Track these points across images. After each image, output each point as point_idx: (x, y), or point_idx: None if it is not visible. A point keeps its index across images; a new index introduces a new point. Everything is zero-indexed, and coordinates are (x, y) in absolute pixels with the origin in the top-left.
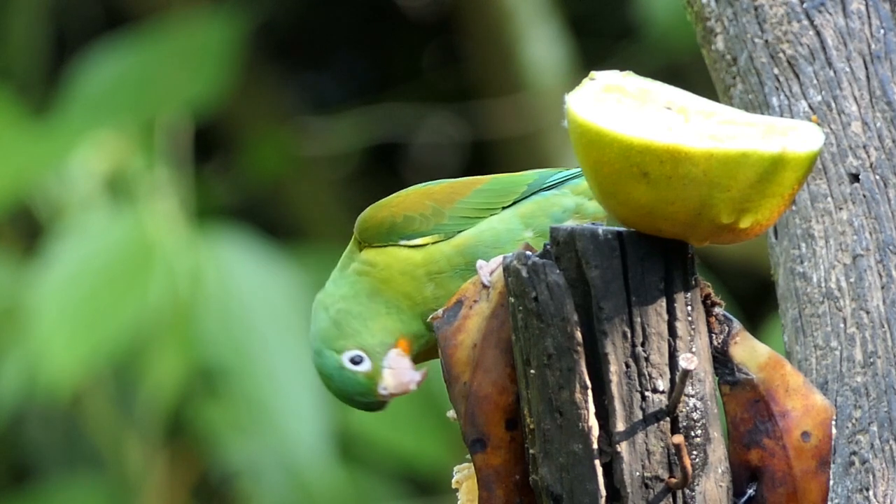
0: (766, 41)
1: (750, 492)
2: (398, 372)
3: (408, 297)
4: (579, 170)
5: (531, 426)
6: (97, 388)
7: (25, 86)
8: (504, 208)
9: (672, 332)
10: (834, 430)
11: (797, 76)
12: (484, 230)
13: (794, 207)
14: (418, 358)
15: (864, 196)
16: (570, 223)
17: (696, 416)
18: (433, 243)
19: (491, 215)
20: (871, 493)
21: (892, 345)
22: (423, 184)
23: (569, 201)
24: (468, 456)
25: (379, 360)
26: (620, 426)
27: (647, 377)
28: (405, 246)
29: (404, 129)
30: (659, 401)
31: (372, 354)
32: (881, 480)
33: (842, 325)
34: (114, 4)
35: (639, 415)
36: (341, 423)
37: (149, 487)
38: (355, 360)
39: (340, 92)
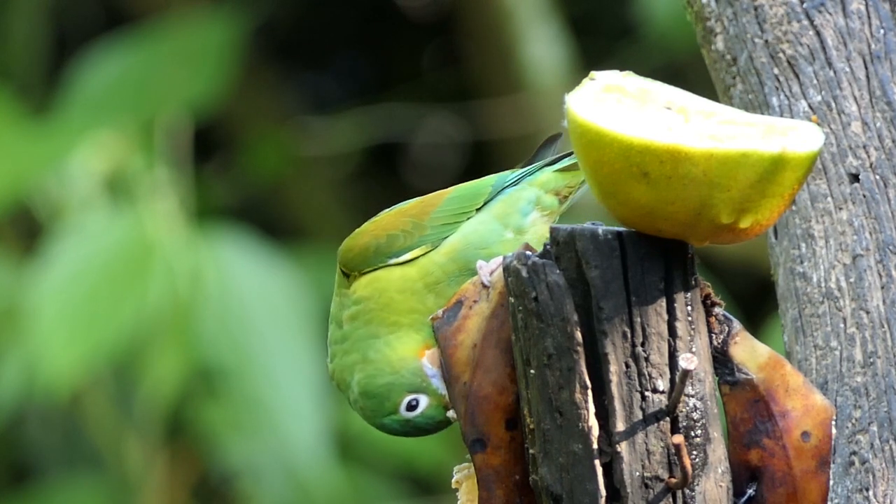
0: (766, 41)
1: (750, 492)
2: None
3: (411, 311)
4: (531, 167)
5: (531, 426)
6: (97, 388)
7: (25, 86)
8: (477, 210)
9: (672, 332)
10: (834, 430)
11: (797, 76)
12: (468, 233)
13: (794, 207)
14: None
15: (864, 196)
16: (535, 214)
17: (696, 416)
18: (423, 255)
19: (467, 218)
20: (871, 493)
21: (892, 345)
22: (392, 207)
23: (529, 193)
24: (468, 456)
25: (428, 385)
26: (620, 426)
27: (647, 377)
28: (396, 264)
29: (404, 129)
30: (659, 401)
31: (418, 388)
32: (881, 480)
33: (842, 325)
34: (114, 4)
35: (639, 415)
36: (341, 423)
37: (149, 487)
38: (411, 406)
39: (340, 92)
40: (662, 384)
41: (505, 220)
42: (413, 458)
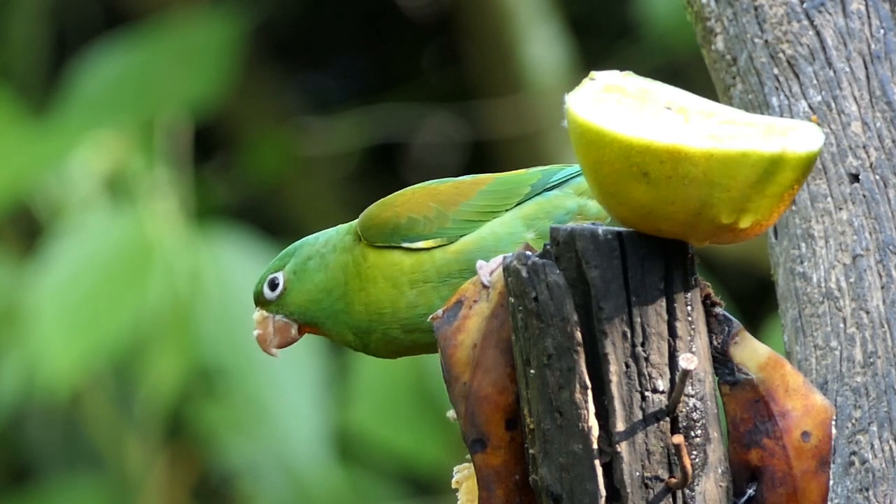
0: (766, 41)
1: (750, 492)
2: (280, 328)
3: (380, 303)
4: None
5: (531, 426)
6: (97, 388)
7: (25, 86)
8: (507, 210)
9: (672, 332)
10: (834, 430)
11: (797, 76)
12: (485, 235)
13: (794, 207)
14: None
15: (864, 196)
16: (569, 224)
17: (696, 416)
18: (435, 247)
19: (494, 217)
20: (871, 493)
21: (892, 345)
22: (429, 182)
23: (571, 203)
24: (468, 456)
25: (283, 308)
26: (620, 426)
27: (647, 377)
28: (407, 248)
29: (404, 129)
30: (659, 401)
31: (285, 303)
32: (881, 480)
33: (842, 325)
34: (114, 4)
35: (639, 415)
36: (340, 423)
37: (149, 487)
38: (274, 283)
39: (340, 92)
40: (662, 384)
41: (532, 221)
42: (412, 458)
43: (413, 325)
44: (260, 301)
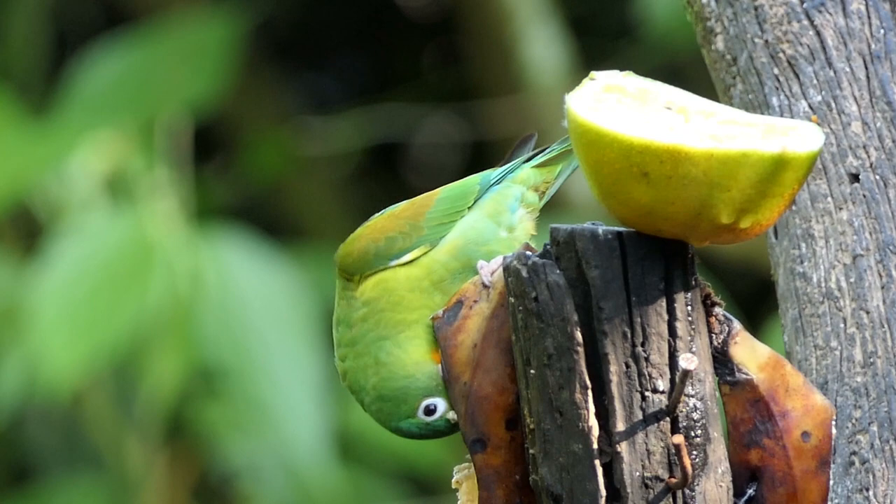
0: (766, 41)
1: (750, 492)
2: None
3: (422, 307)
4: (512, 164)
5: (531, 426)
6: (97, 388)
7: (25, 86)
8: (469, 208)
9: (672, 332)
10: (834, 430)
11: (797, 76)
12: (466, 230)
13: (794, 207)
14: None
15: (864, 196)
16: (521, 211)
17: (696, 416)
18: (423, 255)
19: (461, 217)
20: (871, 493)
21: (892, 345)
22: (382, 211)
23: (515, 191)
24: (468, 456)
25: (444, 390)
26: (620, 426)
27: (647, 377)
28: (398, 265)
29: (404, 129)
30: (659, 401)
31: (436, 392)
32: (881, 480)
33: (842, 325)
34: (114, 4)
35: (639, 415)
36: (341, 423)
37: (149, 487)
38: (429, 410)
39: (340, 92)
40: (662, 384)
41: (497, 218)
42: (413, 458)
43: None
44: (443, 431)
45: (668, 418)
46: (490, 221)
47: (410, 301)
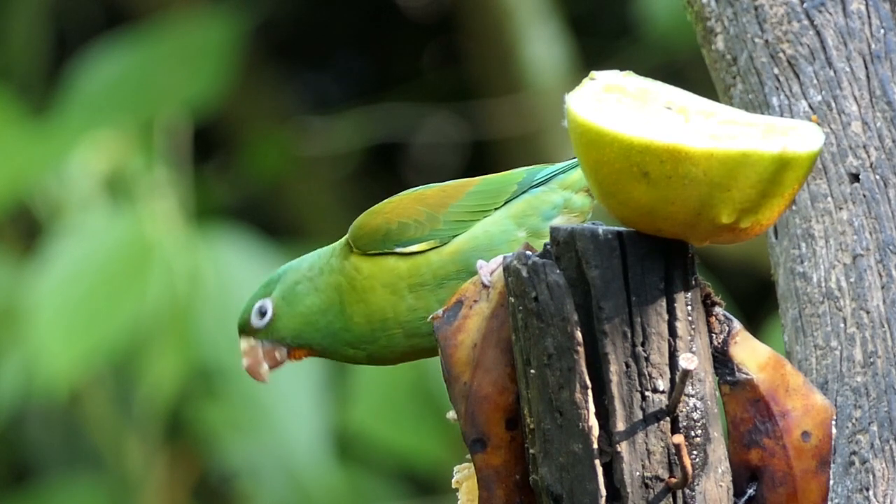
0: (766, 41)
1: (750, 492)
2: (269, 354)
3: (382, 311)
4: (566, 164)
5: (531, 426)
6: (96, 387)
7: (25, 86)
8: (496, 209)
9: (672, 331)
10: (834, 430)
11: (797, 76)
12: (478, 234)
13: (794, 207)
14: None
15: (864, 196)
16: (560, 219)
17: (696, 416)
18: (429, 249)
19: (484, 217)
20: (871, 493)
21: (892, 345)
22: (416, 188)
23: (557, 197)
24: (468, 456)
25: (273, 334)
26: (620, 426)
27: (647, 377)
28: (400, 253)
29: (404, 129)
30: (659, 401)
31: (275, 329)
32: (881, 480)
33: (842, 325)
34: (114, 4)
35: (639, 415)
36: (340, 423)
37: (149, 487)
38: (262, 311)
39: (340, 92)
40: (662, 384)
41: (521, 220)
42: (412, 457)
43: (413, 329)
44: (246, 330)
45: (668, 418)
46: (511, 223)
47: (380, 296)
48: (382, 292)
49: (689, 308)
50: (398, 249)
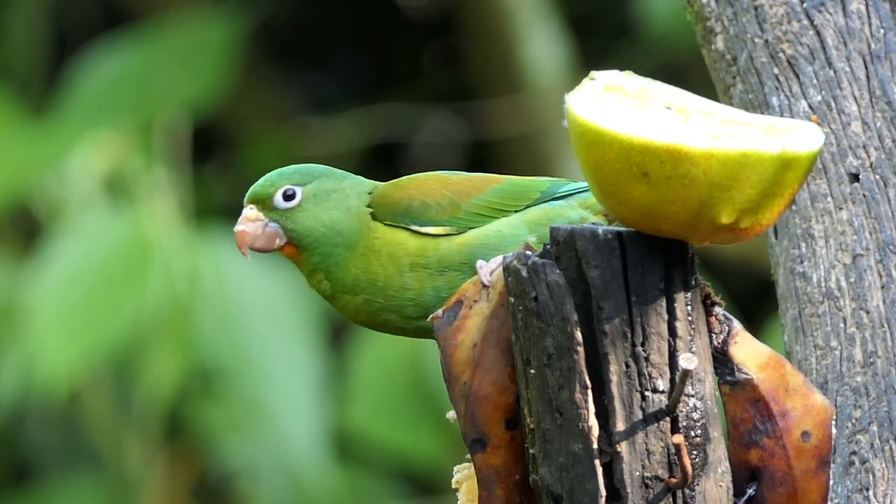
0: (766, 41)
1: (750, 492)
2: (269, 234)
3: (375, 274)
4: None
5: (531, 426)
6: (96, 387)
7: (25, 86)
8: (515, 211)
9: (672, 332)
10: (834, 430)
11: (797, 76)
12: (491, 232)
13: (794, 207)
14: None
15: (864, 196)
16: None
17: (696, 416)
18: (442, 235)
19: (503, 216)
20: (871, 493)
21: (892, 345)
22: (440, 171)
23: (574, 214)
24: (468, 456)
25: (285, 221)
26: (620, 426)
27: (647, 377)
28: (414, 231)
29: (404, 129)
30: (659, 401)
31: (291, 217)
32: (881, 480)
33: (842, 325)
34: (114, 4)
35: (639, 415)
36: (339, 423)
37: (148, 487)
38: (290, 194)
39: (340, 92)
40: (662, 384)
41: (535, 227)
42: (411, 457)
43: (395, 306)
44: (263, 203)
45: (668, 418)
46: (525, 228)
47: (382, 262)
48: (385, 259)
49: (689, 308)
50: (414, 227)
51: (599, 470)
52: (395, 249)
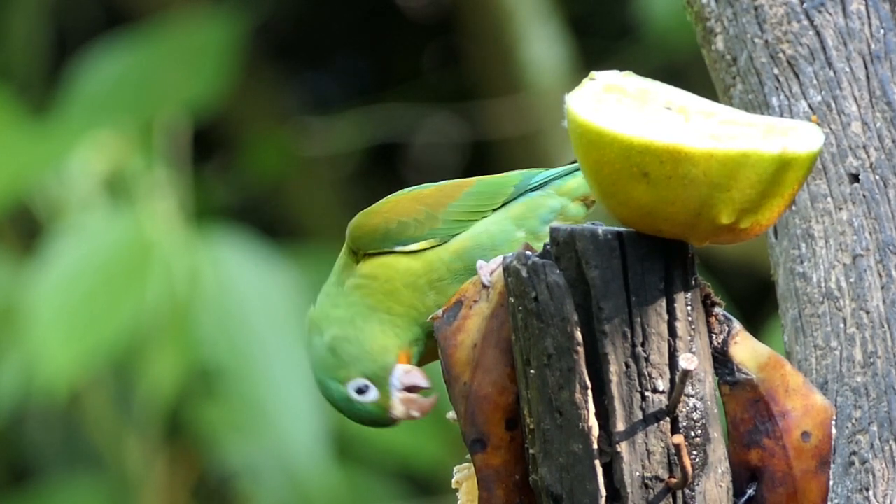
0: (766, 41)
1: (750, 492)
2: (407, 397)
3: (411, 307)
4: (561, 169)
5: (531, 426)
6: (96, 388)
7: (25, 86)
8: (494, 210)
9: (672, 332)
10: (834, 430)
11: (797, 76)
12: (479, 233)
13: (794, 207)
14: (421, 361)
15: (864, 196)
16: (556, 223)
17: (696, 416)
18: (429, 248)
19: (482, 217)
20: (871, 493)
21: (892, 345)
22: (411, 188)
23: (554, 202)
24: (468, 456)
25: (385, 385)
26: (620, 426)
27: (647, 377)
28: (401, 253)
29: (404, 129)
30: (659, 401)
31: (377, 381)
32: (881, 480)
33: (842, 325)
34: (114, 4)
35: (639, 415)
36: (339, 423)
37: (148, 487)
38: (361, 390)
39: (340, 92)
40: (662, 384)
41: (520, 221)
42: (411, 457)
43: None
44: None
45: (668, 418)
46: (510, 223)
47: (403, 295)
48: (405, 292)
49: (689, 308)
50: (398, 248)
51: (599, 470)
52: (406, 277)
